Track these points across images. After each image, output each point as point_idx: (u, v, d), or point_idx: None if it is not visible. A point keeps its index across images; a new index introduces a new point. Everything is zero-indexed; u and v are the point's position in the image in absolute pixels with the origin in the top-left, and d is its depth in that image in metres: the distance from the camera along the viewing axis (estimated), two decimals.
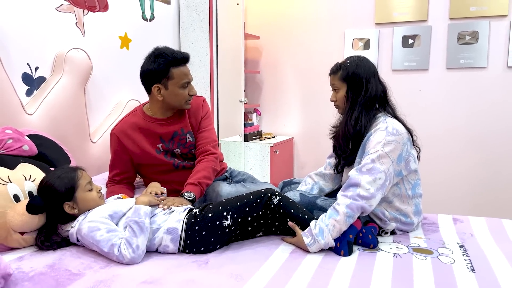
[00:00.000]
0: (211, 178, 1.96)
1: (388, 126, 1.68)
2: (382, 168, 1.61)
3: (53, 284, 1.31)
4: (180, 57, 1.91)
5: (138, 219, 1.52)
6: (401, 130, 1.70)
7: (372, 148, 1.65)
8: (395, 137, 1.65)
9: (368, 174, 1.60)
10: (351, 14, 3.53)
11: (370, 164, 1.62)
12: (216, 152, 2.05)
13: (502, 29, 3.12)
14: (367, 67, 1.79)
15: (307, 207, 1.74)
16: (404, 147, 1.69)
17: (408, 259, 1.48)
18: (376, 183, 1.60)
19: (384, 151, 1.63)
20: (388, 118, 1.74)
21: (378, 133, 1.68)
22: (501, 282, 1.30)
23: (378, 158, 1.62)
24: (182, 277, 1.36)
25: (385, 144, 1.64)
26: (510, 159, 3.17)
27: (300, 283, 1.30)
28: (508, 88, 3.13)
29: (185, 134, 2.03)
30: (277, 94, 3.89)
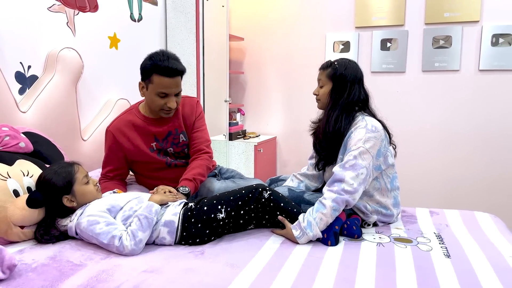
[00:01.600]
0: (204, 175, 2.04)
1: (367, 124, 1.79)
2: (364, 164, 1.72)
3: (56, 274, 1.37)
4: (163, 66, 1.87)
5: (149, 215, 1.59)
6: (379, 127, 1.81)
7: (354, 145, 1.75)
8: (374, 134, 1.76)
9: (351, 170, 1.70)
10: (332, 17, 3.66)
11: (353, 160, 1.72)
12: (210, 151, 2.13)
13: (474, 34, 3.29)
14: (354, 72, 1.88)
15: (295, 201, 1.84)
16: (382, 143, 1.80)
17: (390, 247, 1.60)
18: (358, 178, 1.70)
19: (365, 148, 1.73)
20: (366, 117, 1.84)
21: (358, 131, 1.78)
22: (474, 266, 1.43)
23: (359, 154, 1.72)
24: (180, 266, 1.44)
25: (366, 141, 1.74)
26: (479, 155, 3.35)
27: (292, 270, 1.40)
28: (479, 90, 3.31)
29: (178, 134, 2.10)
30: (260, 94, 3.99)
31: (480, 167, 3.36)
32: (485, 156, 3.34)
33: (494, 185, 3.34)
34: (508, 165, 3.29)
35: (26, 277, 1.35)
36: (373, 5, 3.52)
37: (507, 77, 3.23)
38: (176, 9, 3.14)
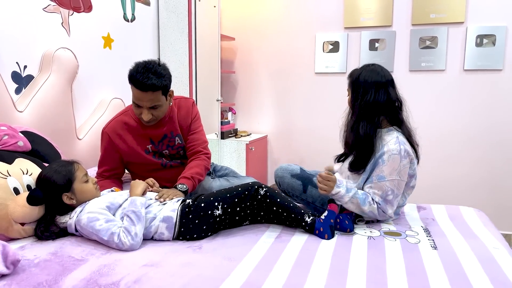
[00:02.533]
0: (203, 175, 2.08)
1: (401, 149, 1.78)
2: (399, 192, 1.84)
3: (59, 269, 1.41)
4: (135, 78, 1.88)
5: (135, 209, 1.63)
6: (410, 151, 1.82)
7: (389, 175, 1.78)
8: (406, 160, 1.80)
9: (390, 204, 1.82)
10: (321, 18, 3.73)
11: (391, 195, 1.80)
12: (208, 152, 2.18)
13: (459, 35, 3.39)
14: (371, 76, 1.85)
15: (304, 181, 1.95)
16: (412, 166, 1.86)
17: (380, 240, 1.67)
18: (395, 205, 1.85)
19: (400, 178, 1.80)
20: (400, 137, 1.82)
21: (393, 158, 1.77)
22: (459, 256, 1.50)
23: (395, 186, 1.80)
24: (180, 260, 1.49)
25: (400, 171, 1.79)
26: (465, 153, 3.46)
27: (287, 263, 1.46)
28: (464, 89, 3.41)
29: (174, 136, 2.13)
30: (251, 93, 4.04)
31: (466, 164, 3.47)
32: (471, 153, 3.45)
33: (480, 181, 3.44)
34: (493, 161, 3.39)
35: (29, 272, 1.38)
36: (361, 6, 3.59)
37: (490, 76, 3.33)
38: (168, 10, 3.17)
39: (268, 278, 1.35)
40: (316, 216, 1.76)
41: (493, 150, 3.39)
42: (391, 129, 1.86)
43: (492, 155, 3.39)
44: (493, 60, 3.31)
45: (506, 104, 3.31)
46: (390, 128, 1.87)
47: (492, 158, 3.39)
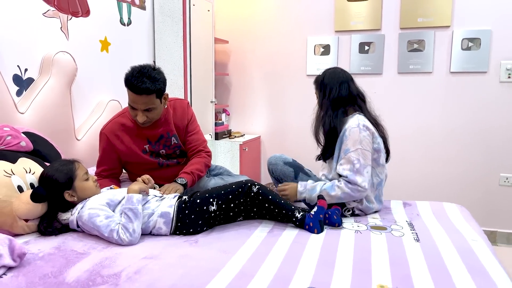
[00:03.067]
0: (203, 171, 2.18)
1: (359, 123, 2.00)
2: (367, 163, 1.97)
3: (63, 262, 1.49)
4: (129, 82, 1.97)
5: (132, 206, 1.71)
6: (370, 126, 2.03)
7: (352, 146, 1.98)
8: (366, 132, 1.99)
9: (360, 174, 1.95)
10: (312, 22, 3.83)
11: (357, 163, 1.95)
12: (209, 150, 2.27)
13: (445, 38, 3.51)
14: (333, 76, 2.13)
15: (295, 169, 2.17)
16: (376, 140, 2.02)
17: (367, 234, 1.77)
18: (366, 177, 1.96)
19: (363, 148, 1.97)
20: (358, 115, 2.06)
21: (353, 131, 1.99)
22: (440, 248, 1.60)
23: (360, 156, 1.96)
24: (177, 253, 1.58)
25: (361, 141, 1.97)
26: (451, 151, 3.57)
27: (279, 254, 1.55)
28: (450, 91, 3.53)
29: (170, 137, 2.21)
30: (245, 95, 4.13)
31: (452, 163, 3.58)
32: (456, 152, 3.56)
33: (464, 179, 3.56)
34: (477, 160, 3.51)
35: (35, 264, 1.46)
36: (351, 10, 3.70)
37: (475, 78, 3.45)
38: (163, 14, 3.26)
39: (261, 268, 1.44)
40: (306, 212, 1.86)
41: (478, 149, 3.51)
42: (354, 114, 2.08)
43: (477, 153, 3.51)
44: (478, 62, 3.43)
45: (490, 105, 3.43)
46: (353, 114, 2.09)
47: (477, 156, 3.51)
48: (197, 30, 3.37)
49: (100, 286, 1.32)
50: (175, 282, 1.34)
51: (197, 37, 3.36)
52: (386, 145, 2.13)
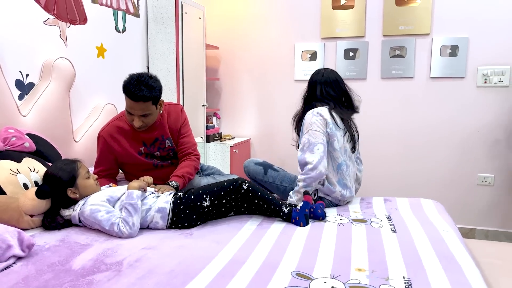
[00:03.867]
0: (192, 174, 2.31)
1: (314, 110, 2.23)
2: (317, 141, 2.15)
3: (68, 252, 1.61)
4: (127, 90, 2.10)
5: (132, 201, 1.84)
6: (325, 114, 2.22)
7: (305, 129, 2.20)
8: (318, 117, 2.19)
9: (308, 151, 2.15)
10: (300, 29, 4.00)
11: (307, 143, 2.16)
12: (198, 154, 2.40)
13: (425, 45, 3.69)
14: (316, 76, 2.37)
15: (264, 167, 2.44)
16: (328, 126, 2.20)
17: (349, 226, 1.92)
18: (317, 154, 2.14)
19: (313, 129, 2.17)
20: (320, 107, 2.27)
21: (307, 118, 2.23)
22: (414, 237, 1.76)
23: (310, 135, 2.16)
24: (174, 244, 1.71)
25: (312, 124, 2.18)
26: (430, 152, 3.75)
27: (267, 244, 1.69)
28: (430, 95, 3.71)
29: (164, 140, 2.35)
30: (235, 99, 4.28)
31: (432, 163, 3.76)
32: (436, 153, 3.75)
33: (444, 179, 3.74)
34: (456, 160, 3.70)
35: (42, 255, 1.59)
36: (337, 18, 3.88)
37: (454, 83, 3.64)
38: (156, 21, 3.39)
39: (251, 256, 1.58)
40: (293, 207, 2.00)
41: (456, 150, 3.69)
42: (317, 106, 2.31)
43: (456, 154, 3.70)
44: (456, 68, 3.62)
45: (468, 108, 3.62)
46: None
47: (456, 157, 3.70)
48: (189, 36, 3.51)
49: (104, 273, 1.44)
50: (173, 268, 1.47)
51: (189, 44, 3.50)
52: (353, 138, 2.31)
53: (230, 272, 1.44)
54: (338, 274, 1.42)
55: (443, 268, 1.46)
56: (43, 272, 1.44)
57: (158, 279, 1.39)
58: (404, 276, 1.40)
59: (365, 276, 1.40)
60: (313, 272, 1.43)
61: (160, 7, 3.36)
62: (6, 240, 1.50)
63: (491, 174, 3.63)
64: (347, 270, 1.45)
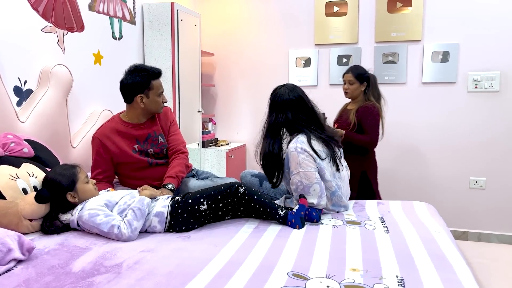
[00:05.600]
0: (184, 172, 2.37)
1: (296, 146, 2.10)
2: (311, 182, 2.08)
3: (68, 256, 1.64)
4: (157, 71, 2.37)
5: (142, 207, 1.88)
6: (308, 148, 2.09)
7: (294, 169, 2.10)
8: (304, 154, 2.09)
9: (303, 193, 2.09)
10: (294, 36, 4.06)
11: (301, 185, 2.09)
12: (186, 151, 2.47)
13: (417, 51, 3.77)
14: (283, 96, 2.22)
15: (260, 178, 2.43)
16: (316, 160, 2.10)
17: (343, 228, 1.96)
18: (314, 195, 2.08)
19: (304, 170, 2.08)
20: (299, 137, 2.14)
21: (292, 155, 2.11)
22: (407, 238, 1.80)
23: (302, 177, 2.09)
24: (172, 246, 1.74)
25: (301, 164, 2.09)
26: (422, 156, 3.81)
27: (264, 246, 1.73)
28: (422, 100, 3.78)
29: (157, 136, 2.42)
30: (230, 105, 4.32)
31: (424, 167, 3.82)
32: (428, 157, 3.80)
33: (436, 182, 3.79)
34: (448, 164, 3.76)
35: (42, 258, 1.61)
36: (330, 25, 3.94)
37: (445, 88, 3.71)
38: (152, 28, 3.43)
39: (248, 258, 1.61)
40: (288, 210, 2.04)
41: (446, 153, 3.75)
42: (296, 135, 2.18)
43: (446, 156, 3.76)
44: (447, 74, 3.69)
45: (459, 113, 3.69)
46: (296, 135, 2.19)
47: (448, 161, 3.76)
48: (185, 43, 3.55)
49: (104, 275, 1.47)
50: (172, 270, 1.50)
51: (184, 50, 3.54)
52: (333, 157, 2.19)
53: (227, 273, 1.47)
54: (333, 274, 1.46)
55: (435, 267, 1.50)
56: (44, 275, 1.47)
57: (157, 280, 1.42)
58: (397, 275, 1.43)
59: (360, 275, 1.44)
60: (309, 272, 1.47)
61: (156, 14, 3.40)
62: (6, 243, 1.52)
63: (483, 177, 3.69)
64: (342, 270, 1.48)
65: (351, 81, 2.98)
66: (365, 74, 2.99)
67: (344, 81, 3.04)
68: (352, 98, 3.05)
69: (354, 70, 3.01)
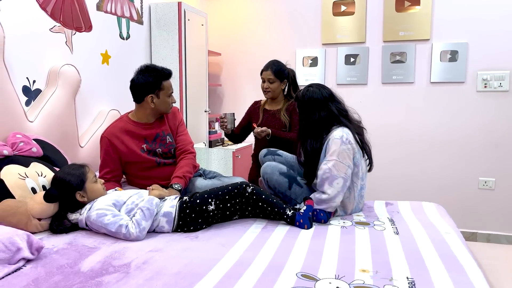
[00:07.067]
0: (191, 172, 2.36)
1: (343, 135, 2.07)
2: (339, 174, 2.05)
3: (76, 255, 1.64)
4: (168, 72, 2.38)
5: (150, 207, 1.88)
6: (352, 141, 2.08)
7: (330, 155, 2.06)
8: (347, 146, 2.06)
9: (327, 181, 2.04)
10: (301, 35, 4.05)
11: (328, 173, 2.05)
12: (194, 152, 2.47)
13: (425, 51, 3.74)
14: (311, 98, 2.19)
15: (290, 179, 2.22)
16: (356, 156, 2.10)
17: (352, 229, 1.94)
18: (334, 188, 2.04)
19: (339, 160, 2.05)
20: (344, 128, 2.11)
21: (335, 142, 2.06)
22: (417, 239, 1.78)
23: (334, 166, 2.05)
24: (180, 246, 1.73)
25: (339, 153, 2.05)
26: (431, 156, 3.78)
27: (272, 246, 1.72)
28: (430, 100, 3.75)
29: (165, 135, 2.43)
30: (237, 105, 4.32)
31: (433, 167, 3.79)
32: (437, 157, 3.78)
33: (445, 183, 3.76)
34: (457, 165, 3.72)
35: (51, 257, 1.61)
36: (337, 24, 3.92)
37: (454, 88, 3.68)
38: (160, 28, 3.44)
39: (256, 258, 1.60)
40: (296, 210, 2.03)
41: (455, 153, 3.72)
42: (339, 126, 2.15)
43: (455, 157, 3.72)
44: (456, 73, 3.66)
45: (468, 113, 3.66)
46: (339, 126, 2.16)
47: (457, 161, 3.72)
48: (192, 43, 3.55)
49: (113, 274, 1.47)
50: (180, 269, 1.49)
51: (191, 50, 3.54)
52: (369, 156, 2.19)
53: (236, 274, 1.46)
54: (342, 275, 1.44)
55: (446, 269, 1.48)
56: (53, 274, 1.47)
57: (166, 280, 1.41)
58: (407, 277, 1.42)
59: (369, 276, 1.43)
60: (318, 273, 1.46)
61: (164, 14, 3.40)
62: (15, 243, 1.53)
63: (492, 178, 3.65)
64: (352, 271, 1.47)
65: (271, 79, 2.78)
66: (285, 71, 2.80)
67: (263, 79, 2.82)
68: (273, 98, 2.85)
69: (273, 66, 2.79)
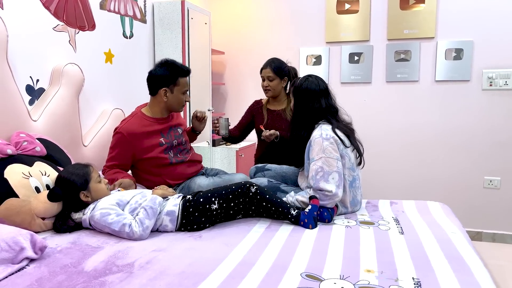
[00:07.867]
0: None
1: (322, 133, 2.10)
2: (332, 169, 2.05)
3: (80, 254, 1.63)
4: (186, 69, 2.41)
5: (153, 206, 1.87)
6: (332, 134, 2.10)
7: (316, 155, 2.08)
8: (329, 141, 2.08)
9: (322, 180, 2.04)
10: (304, 33, 4.03)
11: (321, 172, 2.06)
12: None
13: (430, 49, 3.71)
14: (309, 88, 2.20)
15: (273, 190, 2.26)
16: (339, 147, 2.11)
17: (356, 228, 1.93)
18: (332, 183, 2.04)
19: (326, 155, 2.06)
20: (322, 125, 2.16)
21: (316, 141, 2.10)
22: (422, 239, 1.77)
23: (323, 163, 2.06)
24: (183, 246, 1.73)
25: (324, 150, 2.07)
26: (435, 154, 3.76)
27: (276, 246, 1.71)
28: (435, 98, 3.73)
29: (177, 128, 2.49)
30: (240, 103, 4.30)
31: (438, 166, 3.77)
32: (442, 156, 3.75)
33: (450, 181, 3.74)
34: (462, 163, 3.70)
35: (54, 257, 1.61)
36: (341, 22, 3.90)
37: (459, 86, 3.66)
38: (163, 27, 3.43)
39: (260, 258, 1.59)
40: (301, 210, 2.01)
41: (460, 151, 3.70)
42: (319, 124, 2.19)
43: (460, 155, 3.70)
44: (461, 71, 3.63)
45: (474, 111, 3.63)
46: (319, 124, 2.19)
47: (462, 160, 3.70)
48: (195, 42, 3.54)
49: (116, 274, 1.46)
50: (184, 269, 1.49)
51: (195, 49, 3.53)
52: (360, 153, 2.21)
53: (240, 274, 1.45)
54: (347, 275, 1.43)
55: (452, 269, 1.47)
56: (56, 274, 1.46)
57: (169, 280, 1.41)
58: (413, 277, 1.41)
59: (375, 277, 1.42)
60: (322, 273, 1.45)
61: (167, 13, 3.39)
62: (19, 242, 1.52)
63: (497, 177, 3.63)
64: (356, 271, 1.46)
65: (271, 77, 2.77)
66: (284, 68, 2.78)
67: (263, 77, 2.82)
68: (274, 96, 2.83)
69: (272, 64, 2.78)
